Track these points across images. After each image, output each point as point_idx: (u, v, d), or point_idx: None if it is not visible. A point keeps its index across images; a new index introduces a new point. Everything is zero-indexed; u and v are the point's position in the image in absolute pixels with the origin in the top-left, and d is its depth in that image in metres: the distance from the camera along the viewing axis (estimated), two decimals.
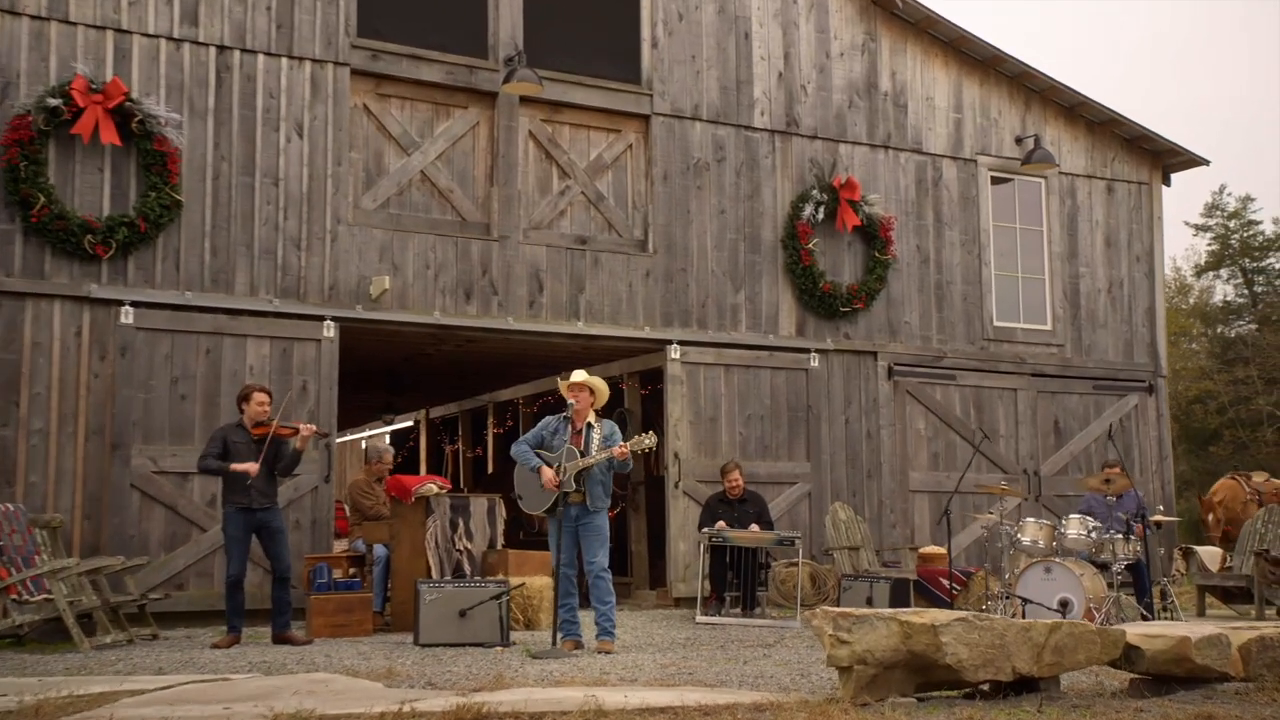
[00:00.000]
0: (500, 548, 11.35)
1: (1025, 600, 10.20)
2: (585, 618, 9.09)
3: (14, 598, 9.39)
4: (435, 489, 10.76)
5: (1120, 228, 16.29)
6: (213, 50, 11.83)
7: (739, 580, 11.67)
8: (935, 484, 14.76)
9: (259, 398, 9.67)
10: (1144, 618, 10.36)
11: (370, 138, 12.60)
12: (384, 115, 12.67)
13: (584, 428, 9.00)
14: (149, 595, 10.41)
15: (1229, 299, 38.83)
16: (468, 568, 10.88)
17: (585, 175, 13.50)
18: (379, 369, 15.51)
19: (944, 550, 13.75)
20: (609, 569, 8.95)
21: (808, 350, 14.26)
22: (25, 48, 11.20)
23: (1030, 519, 10.92)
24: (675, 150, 13.86)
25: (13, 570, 9.45)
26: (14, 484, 10.73)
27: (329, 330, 12.00)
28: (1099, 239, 16.15)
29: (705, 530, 11.71)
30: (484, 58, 13.08)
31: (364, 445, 20.62)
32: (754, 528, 11.84)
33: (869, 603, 11.14)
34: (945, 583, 13.06)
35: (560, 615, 8.80)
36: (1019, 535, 10.73)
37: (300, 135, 12.10)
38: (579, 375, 9.19)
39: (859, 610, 5.65)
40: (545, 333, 13.14)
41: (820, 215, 14.31)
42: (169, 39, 11.66)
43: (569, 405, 8.97)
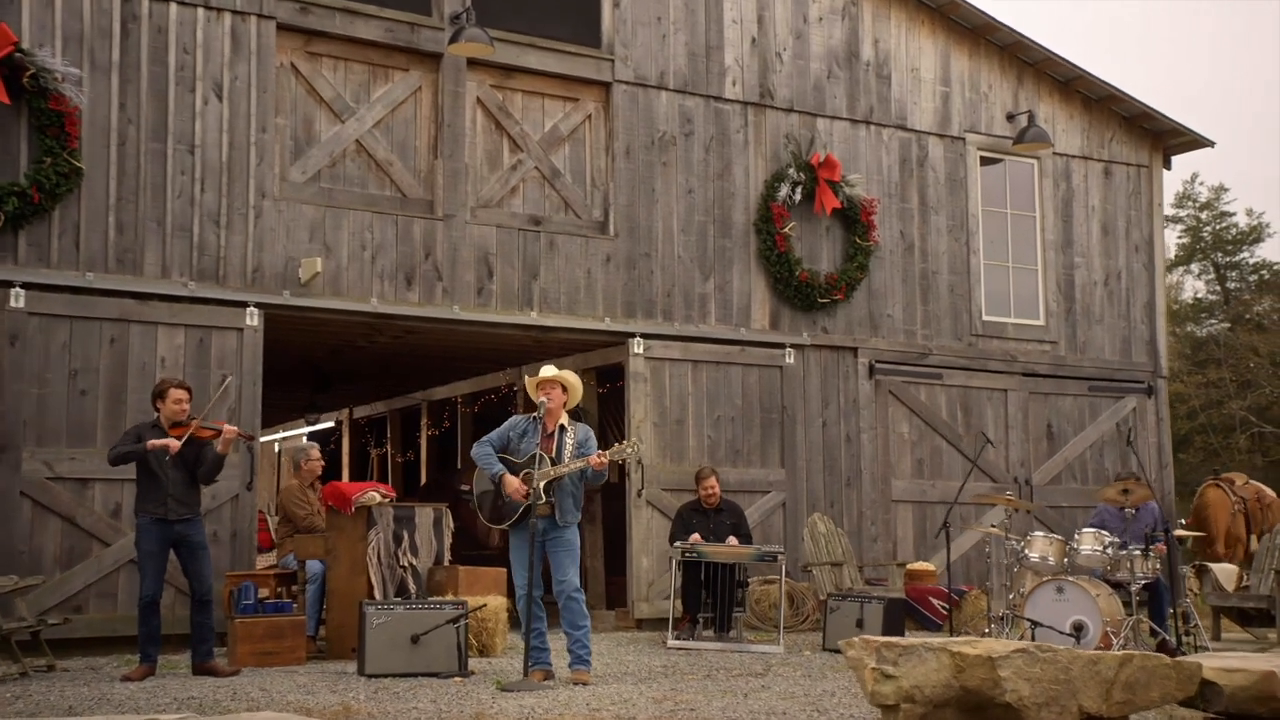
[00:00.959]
0: (448, 563, 10.93)
1: (1035, 623, 9.96)
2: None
3: None
4: (378, 497, 10.29)
5: (1118, 214, 16.17)
6: None
7: (713, 600, 11.32)
8: (919, 493, 14.54)
9: (176, 395, 9.17)
10: (1164, 646, 10.15)
11: (299, 101, 12.12)
12: (314, 77, 12.18)
13: (556, 431, 8.59)
14: (45, 620, 9.82)
15: (1200, 296, 39.23)
16: (413, 586, 10.44)
17: (539, 148, 13.11)
18: (301, 363, 14.96)
19: (932, 567, 13.58)
20: (582, 589, 8.54)
21: (782, 345, 13.97)
22: None
23: (1039, 533, 10.68)
24: (639, 122, 13.50)
25: None
26: None
27: (252, 318, 11.54)
28: (1095, 226, 16.02)
29: (678, 544, 11.34)
30: (427, 14, 12.63)
31: (277, 449, 20.01)
32: (732, 541, 11.49)
33: (859, 625, 10.83)
34: (936, 603, 12.84)
35: (530, 641, 8.38)
36: (1026, 551, 10.50)
37: (219, 97, 11.60)
38: (549, 370, 8.78)
39: (904, 640, 5.29)
40: (495, 324, 12.72)
41: (797, 196, 14.02)
42: None
43: (541, 405, 8.53)
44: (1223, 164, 50.85)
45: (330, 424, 19.38)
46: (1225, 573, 12.32)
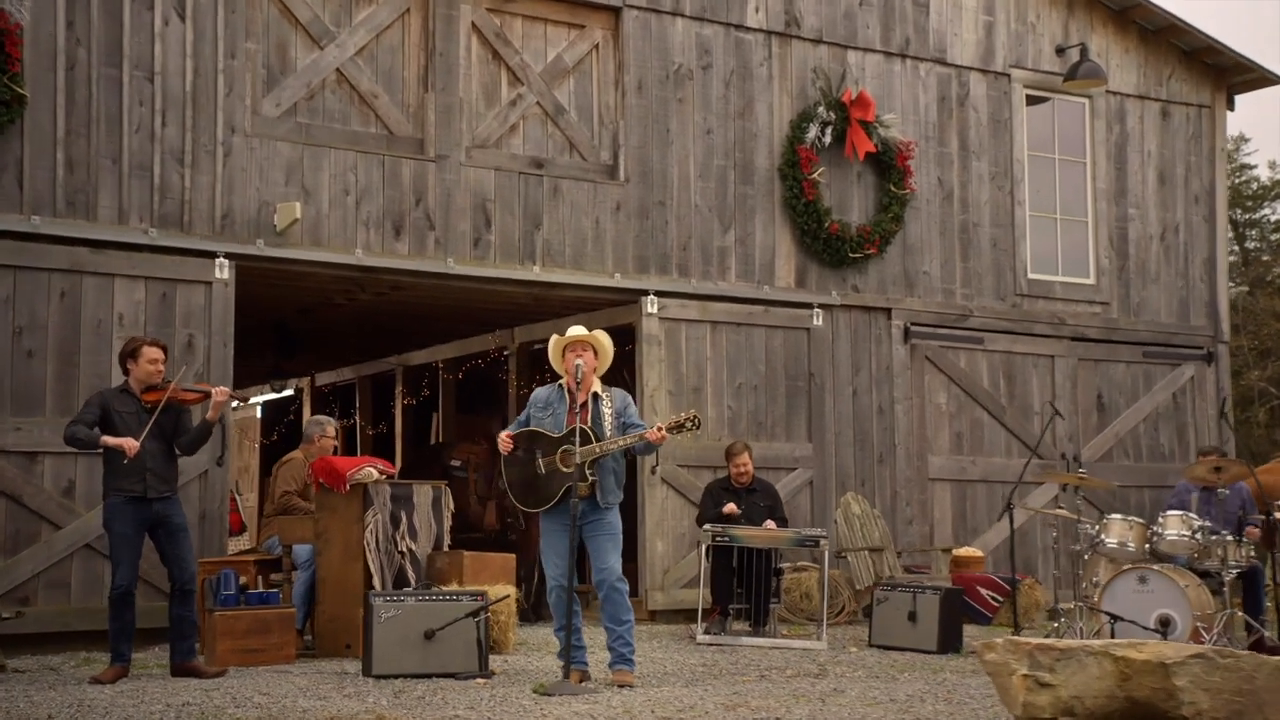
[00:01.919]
0: (447, 548, 10.56)
1: (1114, 617, 9.73)
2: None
3: None
4: (376, 474, 9.87)
5: (1176, 160, 15.93)
6: None
7: (745, 589, 11.02)
8: (958, 471, 14.31)
9: (150, 353, 8.73)
10: (1260, 644, 9.93)
11: (272, 24, 11.69)
12: None
13: (589, 399, 8.21)
14: None
15: None
16: (412, 574, 10.04)
17: (541, 81, 12.71)
18: (265, 324, 14.49)
19: (980, 553, 13.35)
20: (625, 579, 8.19)
21: (810, 306, 13.67)
22: None
23: (1116, 516, 10.44)
24: (652, 53, 13.11)
25: None
26: None
27: (222, 270, 11.18)
28: (1151, 174, 15.77)
29: (708, 526, 11.01)
30: None
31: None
32: (770, 525, 11.17)
33: (911, 619, 10.55)
34: (985, 594, 12.61)
35: (564, 640, 8.01)
36: (1103, 535, 10.25)
37: (181, 17, 11.17)
38: (578, 329, 8.41)
39: (1062, 643, 4.95)
40: (493, 279, 12.35)
41: (827, 139, 13.69)
42: None
43: (578, 368, 8.14)
44: (1244, 112, 50.82)
45: (289, 392, 18.91)
46: None
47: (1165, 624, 9.66)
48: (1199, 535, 10.00)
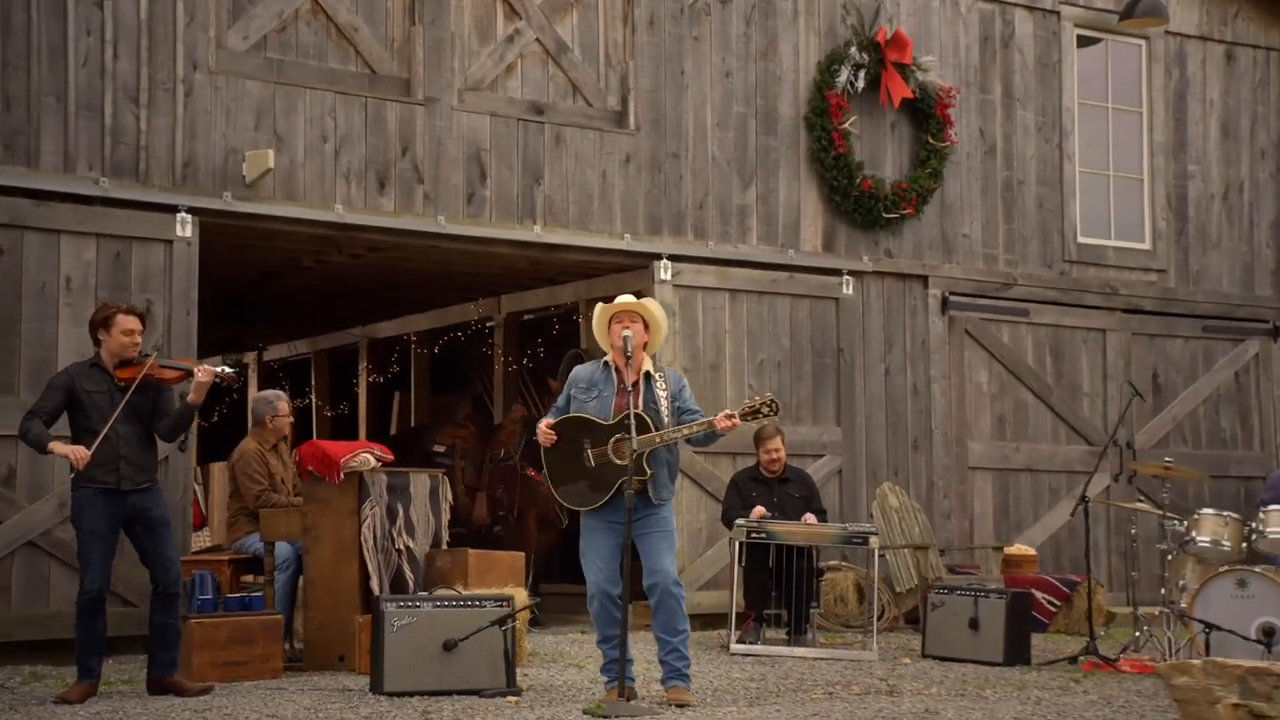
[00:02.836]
0: (446, 546, 10.27)
1: (1209, 627, 9.53)
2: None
3: None
4: (373, 461, 9.55)
5: (1242, 110, 15.82)
6: None
7: (781, 593, 10.78)
8: (1000, 459, 14.18)
9: (125, 323, 8.38)
10: None
11: None
12: None
13: (640, 380, 7.91)
14: None
15: None
16: (410, 575, 9.73)
17: (541, 15, 12.46)
18: (220, 290, 14.10)
19: (1033, 552, 13.24)
20: (680, 582, 7.91)
21: (839, 272, 13.48)
22: None
23: (1209, 511, 10.26)
24: None
25: None
26: None
27: (184, 227, 10.91)
28: (1214, 126, 15.66)
29: (741, 522, 10.75)
30: None
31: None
32: (809, 518, 10.93)
33: (973, 627, 10.33)
34: (1040, 598, 12.45)
35: (609, 654, 7.72)
36: (1193, 533, 10.07)
37: None
38: (627, 298, 8.10)
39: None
40: (488, 240, 12.10)
41: (860, 83, 13.47)
42: None
43: (626, 339, 7.83)
44: None
45: (246, 364, 18.49)
46: None
47: (1269, 634, 9.48)
48: None
